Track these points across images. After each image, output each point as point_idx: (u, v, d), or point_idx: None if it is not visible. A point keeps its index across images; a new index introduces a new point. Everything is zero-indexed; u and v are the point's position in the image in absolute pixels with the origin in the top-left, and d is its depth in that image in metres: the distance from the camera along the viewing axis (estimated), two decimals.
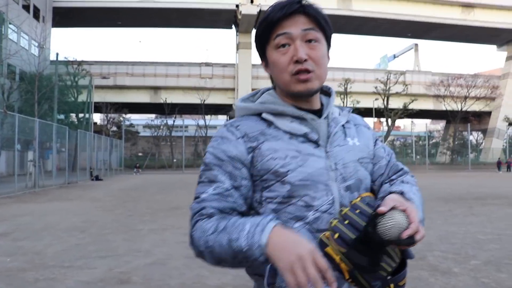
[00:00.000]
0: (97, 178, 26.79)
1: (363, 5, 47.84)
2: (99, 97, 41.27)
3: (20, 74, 31.54)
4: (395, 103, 47.03)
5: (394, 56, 72.75)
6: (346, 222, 1.01)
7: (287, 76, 1.16)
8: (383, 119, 51.31)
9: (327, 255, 1.00)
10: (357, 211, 1.03)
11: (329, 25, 1.22)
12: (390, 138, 57.25)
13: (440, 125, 70.75)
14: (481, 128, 57.47)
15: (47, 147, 27.00)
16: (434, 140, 63.77)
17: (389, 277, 1.05)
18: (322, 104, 1.28)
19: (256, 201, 1.17)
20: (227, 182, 1.13)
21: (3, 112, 18.00)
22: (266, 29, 1.18)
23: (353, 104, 45.19)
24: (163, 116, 53.99)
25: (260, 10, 45.94)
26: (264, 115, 1.20)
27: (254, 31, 1.27)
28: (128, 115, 51.88)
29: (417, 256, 5.55)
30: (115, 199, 13.85)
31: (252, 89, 48.52)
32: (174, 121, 53.24)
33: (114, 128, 51.21)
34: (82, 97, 37.87)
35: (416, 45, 64.94)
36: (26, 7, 35.47)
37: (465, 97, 50.57)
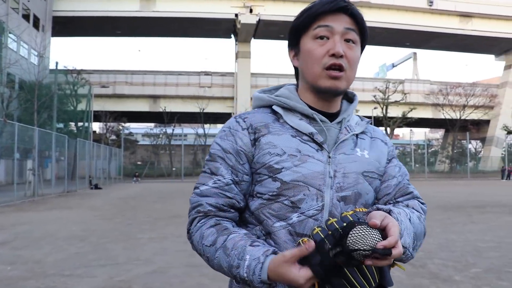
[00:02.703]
0: (96, 187, 26.74)
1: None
2: (98, 106, 41.35)
3: (20, 83, 31.61)
4: (394, 112, 47.13)
5: (393, 65, 73.04)
6: (329, 232, 0.94)
7: (318, 68, 1.13)
8: (382, 128, 51.36)
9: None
10: (345, 224, 0.94)
11: (367, 33, 1.21)
12: None
13: (439, 133, 70.90)
14: (480, 136, 57.57)
15: (46, 156, 26.98)
16: (433, 149, 63.78)
17: None
18: (341, 109, 1.25)
19: (249, 193, 1.17)
20: (228, 176, 1.13)
21: (2, 121, 18.01)
22: (308, 19, 1.16)
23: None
24: (162, 125, 54.04)
25: (259, 20, 46.19)
26: (274, 107, 1.19)
27: (295, 19, 1.22)
28: (127, 124, 51.87)
29: (417, 264, 5.56)
30: (115, 208, 13.82)
31: (251, 98, 48.74)
32: (173, 130, 53.23)
33: (113, 137, 51.15)
34: (82, 106, 37.93)
35: (415, 54, 65.26)
36: (26, 17, 35.62)
37: (464, 106, 50.74)
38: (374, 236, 0.89)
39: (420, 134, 68.82)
